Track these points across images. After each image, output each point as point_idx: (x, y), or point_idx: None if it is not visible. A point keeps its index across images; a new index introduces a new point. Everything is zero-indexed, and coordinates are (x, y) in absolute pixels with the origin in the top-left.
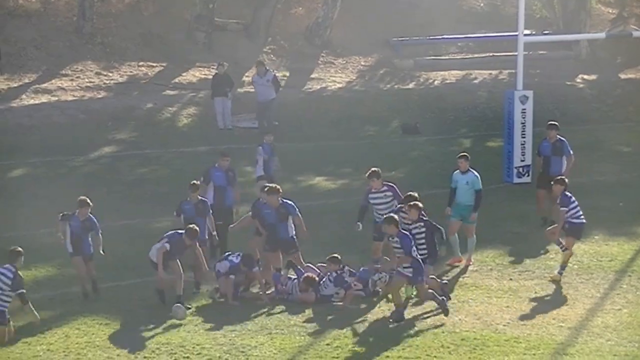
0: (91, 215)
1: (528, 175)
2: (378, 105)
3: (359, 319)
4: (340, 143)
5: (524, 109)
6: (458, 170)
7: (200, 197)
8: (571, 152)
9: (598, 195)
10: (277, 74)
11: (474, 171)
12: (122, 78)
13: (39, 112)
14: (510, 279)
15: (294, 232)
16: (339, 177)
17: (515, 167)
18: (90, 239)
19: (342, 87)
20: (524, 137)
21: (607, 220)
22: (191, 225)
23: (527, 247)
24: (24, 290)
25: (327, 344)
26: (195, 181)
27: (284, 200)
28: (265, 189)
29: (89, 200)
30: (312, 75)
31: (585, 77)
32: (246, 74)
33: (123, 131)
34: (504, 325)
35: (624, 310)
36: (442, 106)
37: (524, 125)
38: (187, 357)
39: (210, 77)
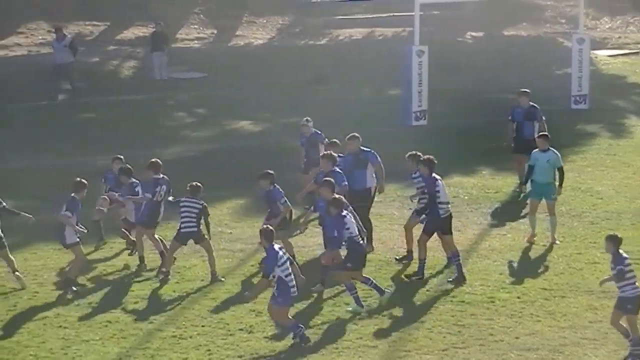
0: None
1: (424, 119)
2: (293, 59)
3: None
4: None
5: (421, 62)
6: (537, 149)
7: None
8: (543, 118)
9: (482, 136)
10: (73, 39)
11: (554, 149)
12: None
13: None
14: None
15: None
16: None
17: (413, 112)
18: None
19: (264, 43)
20: (420, 86)
21: (493, 158)
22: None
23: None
24: None
25: None
26: None
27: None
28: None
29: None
30: (237, 33)
31: (473, 34)
32: (179, 32)
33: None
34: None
35: (508, 235)
36: (350, 59)
37: (420, 76)
38: None
39: (148, 35)
